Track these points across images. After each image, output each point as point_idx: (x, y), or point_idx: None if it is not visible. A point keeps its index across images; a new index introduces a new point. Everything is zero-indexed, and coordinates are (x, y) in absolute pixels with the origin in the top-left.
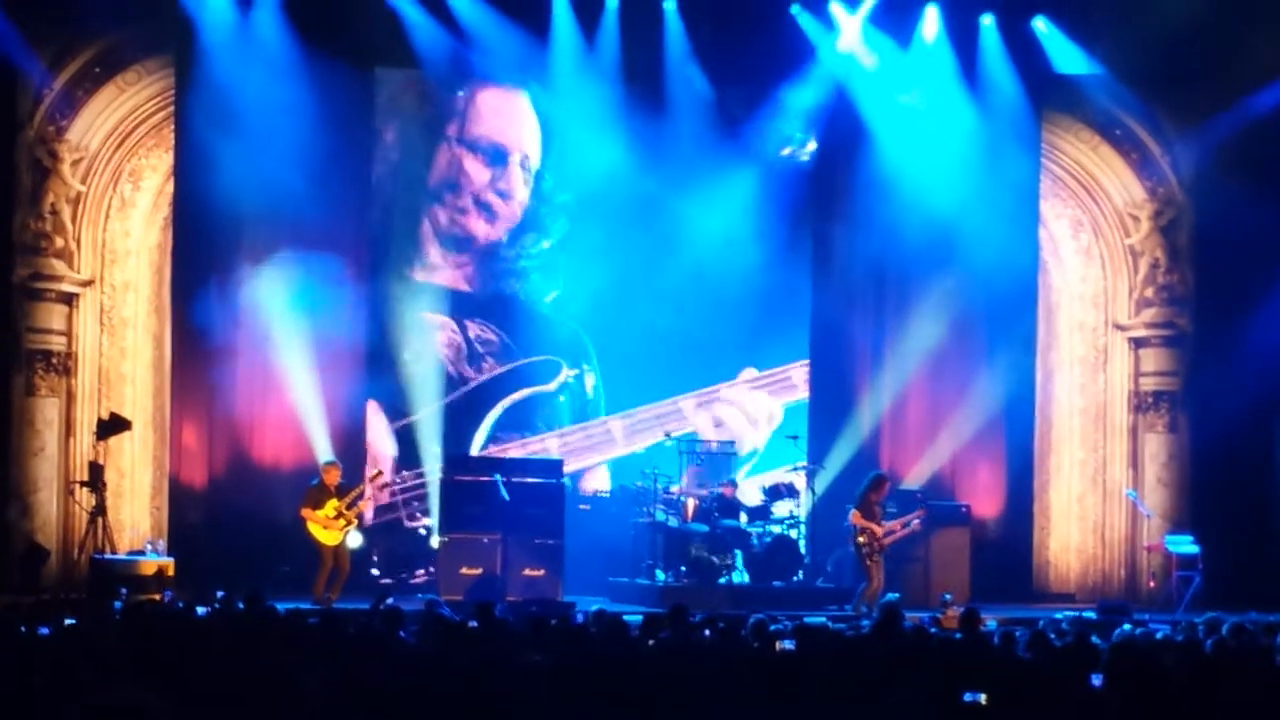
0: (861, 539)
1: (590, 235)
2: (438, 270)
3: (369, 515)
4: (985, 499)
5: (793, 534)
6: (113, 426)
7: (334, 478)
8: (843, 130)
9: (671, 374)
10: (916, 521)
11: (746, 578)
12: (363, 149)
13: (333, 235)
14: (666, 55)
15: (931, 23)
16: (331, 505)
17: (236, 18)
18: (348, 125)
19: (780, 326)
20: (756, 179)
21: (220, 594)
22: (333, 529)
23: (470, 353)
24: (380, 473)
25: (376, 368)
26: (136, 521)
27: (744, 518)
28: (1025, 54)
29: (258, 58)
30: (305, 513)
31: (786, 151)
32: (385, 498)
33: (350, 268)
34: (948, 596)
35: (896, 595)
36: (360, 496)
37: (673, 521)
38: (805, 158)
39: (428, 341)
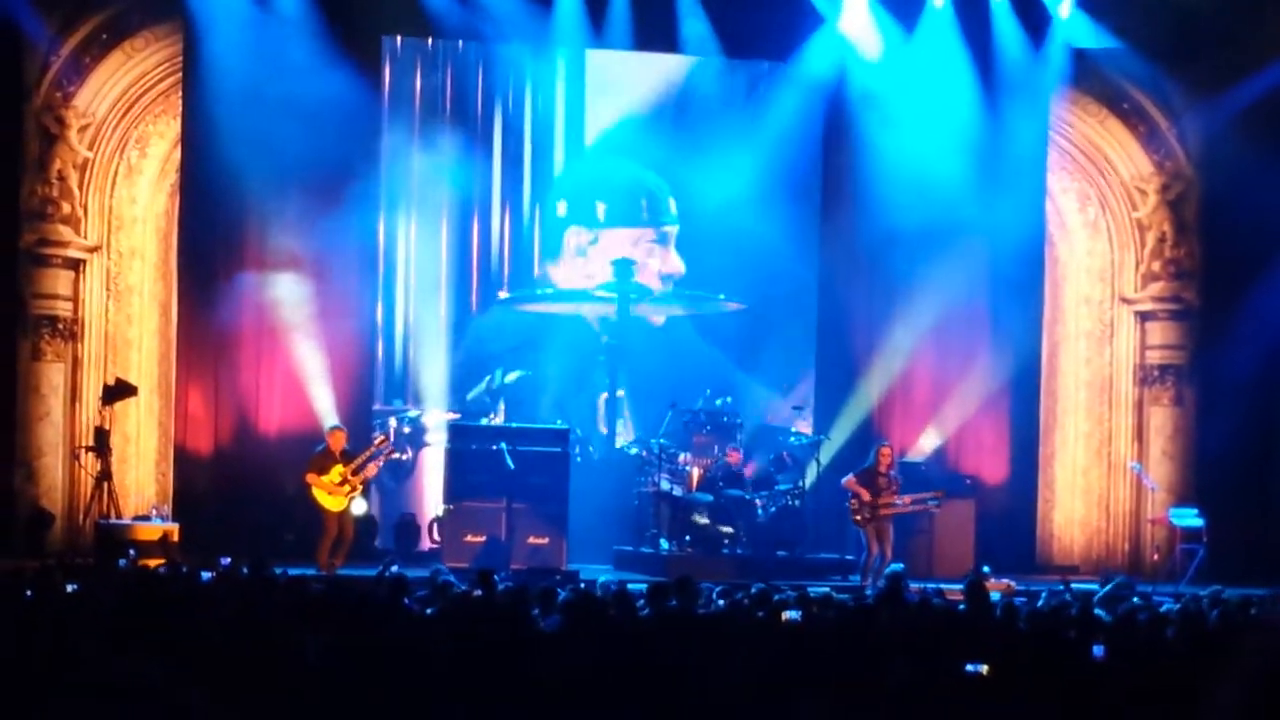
0: (851, 503)
1: None
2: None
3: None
4: (990, 471)
5: (797, 504)
6: (118, 392)
7: (339, 443)
8: (849, 102)
9: None
10: (933, 503)
11: (751, 548)
12: (373, 114)
13: (343, 201)
14: (678, 27)
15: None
16: (337, 471)
17: None
18: (358, 90)
19: (786, 297)
20: (764, 150)
21: (224, 560)
22: (338, 495)
23: None
24: (385, 438)
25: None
26: (142, 487)
27: (748, 486)
28: (1033, 27)
29: (266, 23)
30: (310, 478)
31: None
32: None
33: (362, 238)
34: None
35: (900, 566)
36: (368, 461)
37: (677, 490)
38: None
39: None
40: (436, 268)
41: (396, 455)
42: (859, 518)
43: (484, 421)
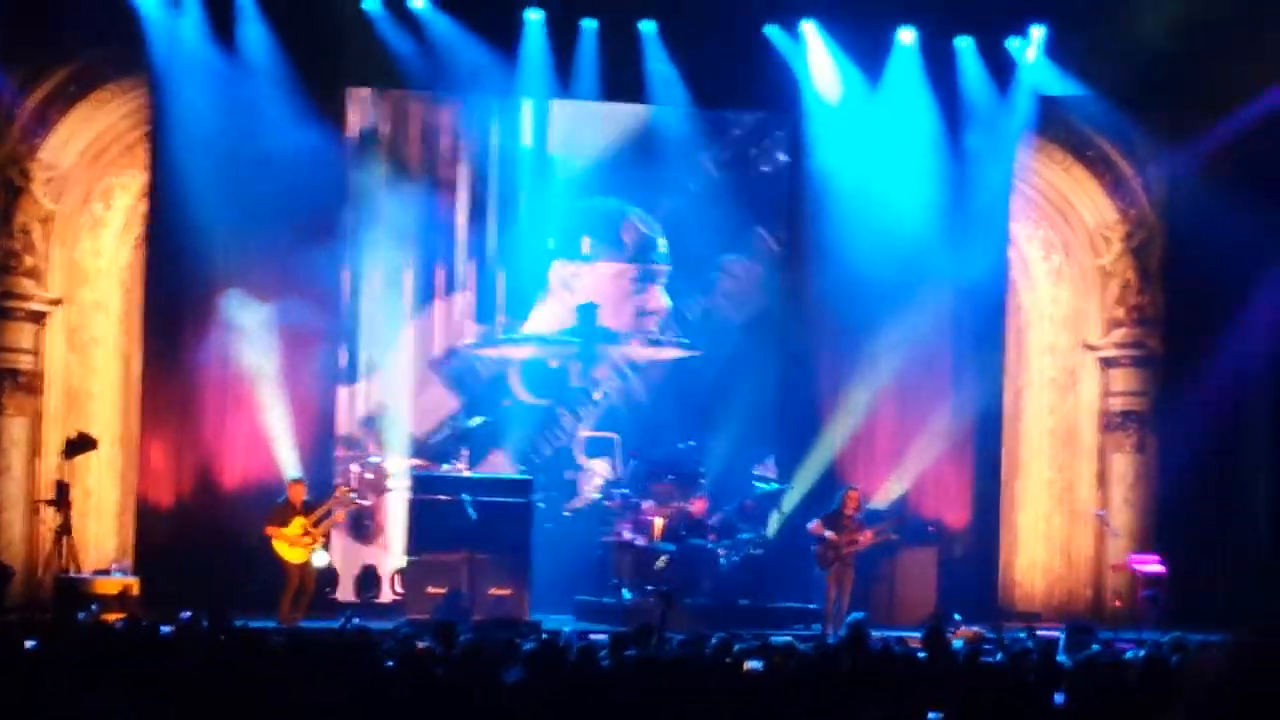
0: (819, 547)
1: None
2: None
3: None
4: (952, 518)
5: (759, 553)
6: (80, 445)
7: (299, 494)
8: (811, 147)
9: None
10: (890, 531)
11: (714, 597)
12: (339, 165)
13: (309, 251)
14: (645, 76)
15: (906, 43)
16: (298, 523)
17: (211, 37)
18: (324, 142)
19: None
20: (727, 192)
21: (185, 613)
22: (299, 546)
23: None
24: (348, 488)
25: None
26: (102, 541)
27: (712, 536)
28: (998, 73)
29: (232, 74)
30: (270, 530)
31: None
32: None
33: (327, 286)
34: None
35: (862, 614)
36: (328, 514)
37: (640, 540)
38: (771, 167)
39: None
40: (401, 315)
41: (357, 504)
42: (824, 561)
43: (445, 468)
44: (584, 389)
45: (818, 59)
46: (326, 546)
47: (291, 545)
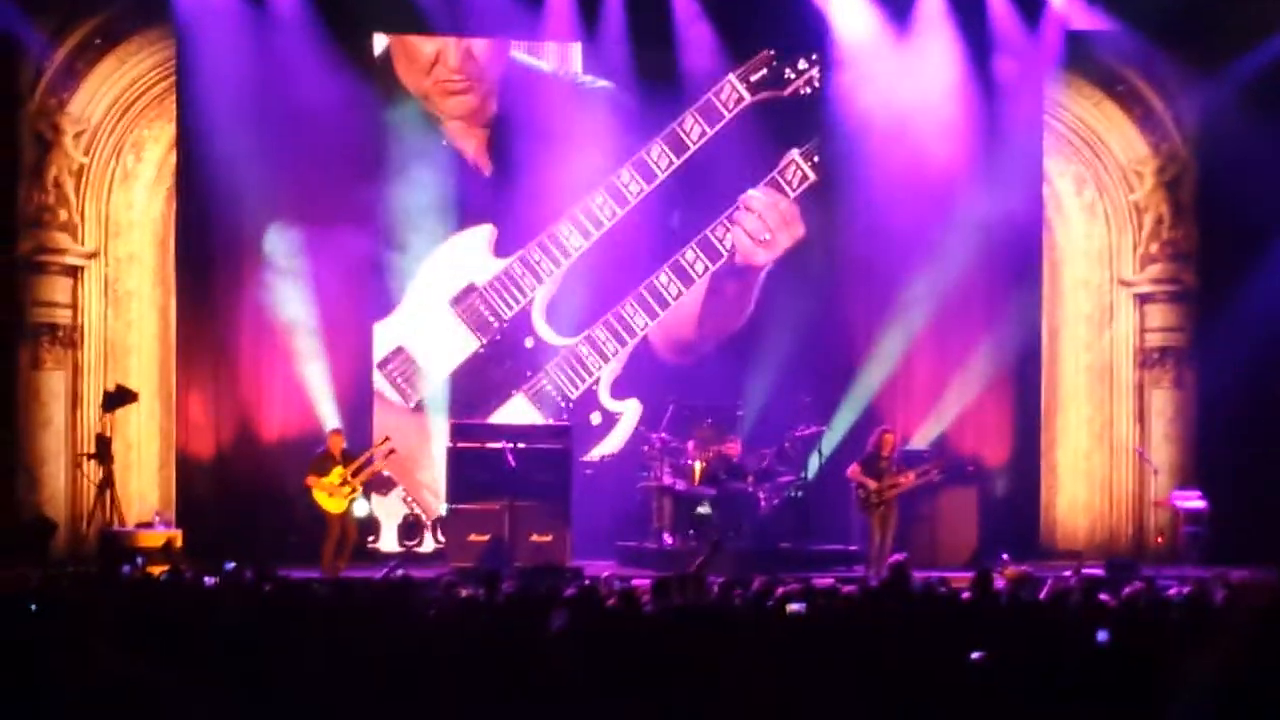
0: (860, 493)
1: None
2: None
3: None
4: (992, 457)
5: (799, 496)
6: (119, 399)
7: (338, 444)
8: (842, 87)
9: None
10: (935, 472)
11: (755, 540)
12: (366, 110)
13: (339, 203)
14: (674, 24)
15: None
16: (337, 472)
17: None
18: (351, 89)
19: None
20: (757, 118)
21: (228, 565)
22: (338, 496)
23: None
24: (388, 439)
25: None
26: (144, 494)
27: (751, 480)
28: (1027, 9)
29: (257, 23)
30: (310, 480)
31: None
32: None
33: (360, 235)
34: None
35: (903, 556)
36: (368, 463)
37: (680, 485)
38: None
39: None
40: (427, 255)
41: (395, 452)
42: (866, 506)
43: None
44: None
45: (847, 3)
46: (368, 495)
47: (331, 495)
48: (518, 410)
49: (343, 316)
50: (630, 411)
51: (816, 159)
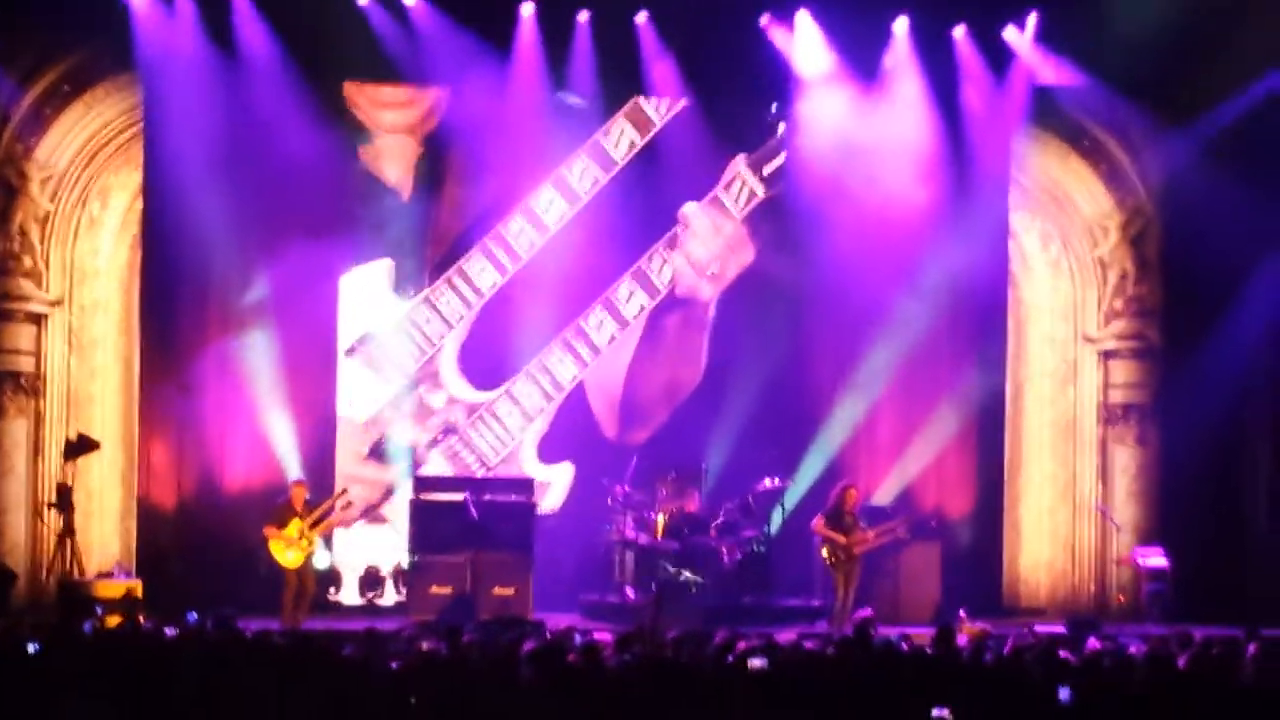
0: (824, 550)
1: None
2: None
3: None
4: (955, 512)
5: (762, 550)
6: (81, 447)
7: (301, 496)
8: (810, 141)
9: None
10: (902, 529)
11: (717, 595)
12: (335, 160)
13: (305, 251)
14: (643, 71)
15: (901, 32)
16: (295, 525)
17: (204, 33)
18: (320, 138)
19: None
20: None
21: (191, 615)
22: (294, 550)
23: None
24: (345, 491)
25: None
26: (106, 543)
27: (714, 534)
28: (995, 64)
29: (226, 71)
30: (268, 531)
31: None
32: (352, 519)
33: (327, 283)
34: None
35: (869, 612)
36: (325, 516)
37: (643, 538)
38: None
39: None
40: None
41: (355, 506)
42: (833, 561)
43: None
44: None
45: (812, 49)
46: (329, 545)
47: (287, 548)
48: (436, 472)
49: (307, 366)
50: (561, 479)
51: (766, 171)
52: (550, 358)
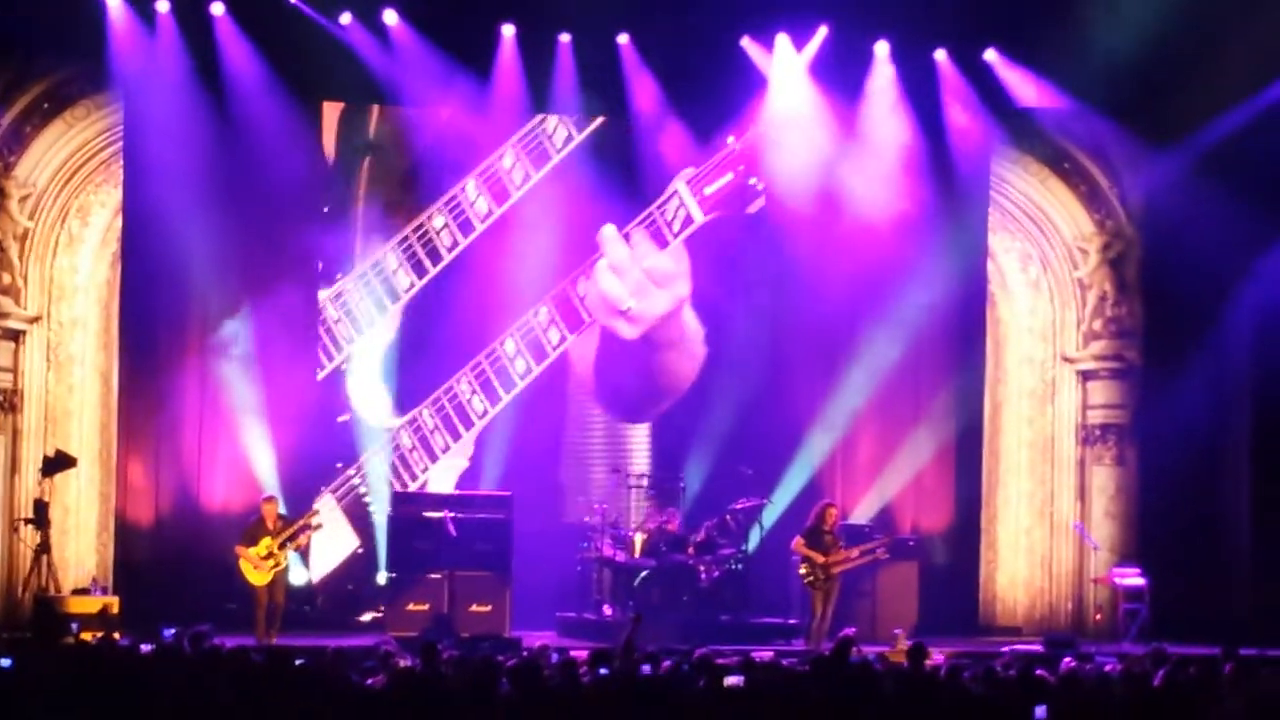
0: (803, 569)
1: None
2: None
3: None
4: (934, 532)
5: (740, 568)
6: (58, 464)
7: (272, 512)
8: (790, 157)
9: None
10: (882, 550)
11: (695, 613)
12: (315, 180)
13: (286, 267)
14: (626, 91)
15: (881, 55)
16: (265, 543)
17: (184, 52)
18: (297, 158)
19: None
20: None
21: (167, 631)
22: (262, 569)
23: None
24: (316, 512)
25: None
26: (82, 559)
27: (691, 552)
28: (975, 87)
29: (205, 90)
30: (239, 549)
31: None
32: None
33: (307, 302)
34: (897, 631)
35: (853, 630)
36: (294, 536)
37: (620, 556)
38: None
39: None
40: (381, 334)
41: (321, 526)
42: (812, 580)
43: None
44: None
45: (793, 71)
46: (306, 562)
47: (255, 568)
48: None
49: (286, 382)
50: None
51: (708, 191)
52: (459, 387)
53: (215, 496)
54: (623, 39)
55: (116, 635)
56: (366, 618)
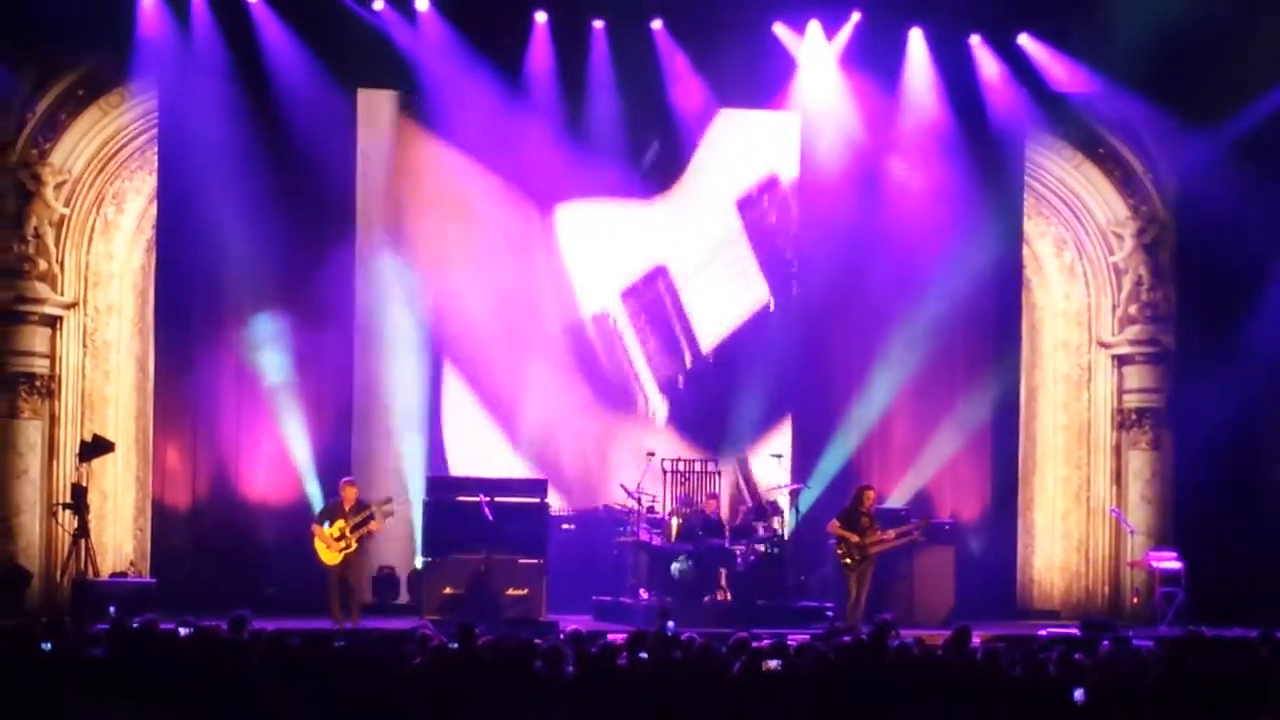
0: (839, 549)
1: None
2: None
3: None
4: (969, 516)
5: (776, 552)
6: (95, 448)
7: (351, 495)
8: (825, 144)
9: None
10: (918, 532)
11: (730, 596)
12: (348, 168)
13: (321, 254)
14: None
15: (915, 42)
16: (339, 525)
17: (219, 40)
18: (332, 144)
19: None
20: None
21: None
22: (334, 549)
23: None
24: (390, 499)
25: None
26: (119, 543)
27: (728, 535)
28: (1010, 72)
29: (241, 78)
30: (314, 528)
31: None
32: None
33: (339, 286)
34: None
35: (890, 615)
36: (367, 520)
37: (657, 540)
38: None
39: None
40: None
41: (392, 513)
42: (848, 561)
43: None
44: None
45: (827, 57)
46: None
47: (327, 546)
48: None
49: (322, 366)
50: None
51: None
52: None
53: (251, 481)
54: (656, 25)
55: (156, 621)
56: (403, 601)
